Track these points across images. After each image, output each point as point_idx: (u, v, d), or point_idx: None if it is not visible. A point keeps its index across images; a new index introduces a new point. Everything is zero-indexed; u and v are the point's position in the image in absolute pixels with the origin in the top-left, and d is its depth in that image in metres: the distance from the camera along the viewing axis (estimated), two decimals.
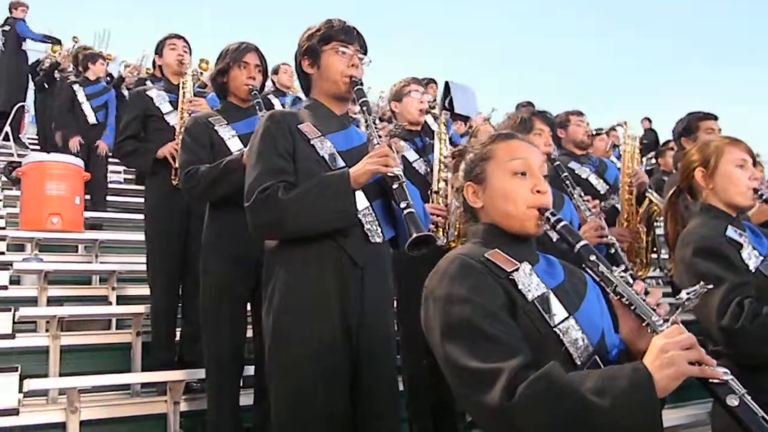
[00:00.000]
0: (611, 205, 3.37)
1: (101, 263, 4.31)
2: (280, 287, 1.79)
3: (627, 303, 1.14)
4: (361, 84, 1.93)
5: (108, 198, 5.80)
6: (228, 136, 2.55)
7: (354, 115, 3.33)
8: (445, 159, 2.76)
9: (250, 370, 2.56)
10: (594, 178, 3.43)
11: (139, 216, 4.53)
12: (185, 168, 2.46)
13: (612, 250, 2.46)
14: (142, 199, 3.57)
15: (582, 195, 2.66)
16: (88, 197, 5.07)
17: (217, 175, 2.35)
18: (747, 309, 1.68)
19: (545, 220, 1.27)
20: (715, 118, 3.29)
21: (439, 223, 2.64)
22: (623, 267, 1.17)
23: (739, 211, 1.96)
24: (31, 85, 7.93)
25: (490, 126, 4.99)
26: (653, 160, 6.72)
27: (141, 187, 5.55)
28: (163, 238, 3.13)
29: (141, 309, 3.19)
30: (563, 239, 1.25)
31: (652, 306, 1.12)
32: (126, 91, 7.05)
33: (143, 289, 3.49)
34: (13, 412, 2.46)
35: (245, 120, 2.60)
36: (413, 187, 1.86)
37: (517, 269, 1.24)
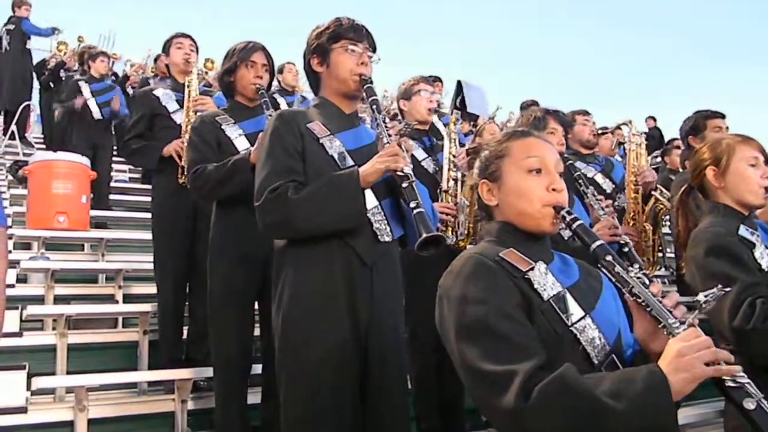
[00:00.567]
0: (621, 206, 3.35)
1: (107, 262, 4.33)
2: (289, 286, 1.79)
3: (643, 304, 1.13)
4: (371, 82, 1.92)
5: (113, 197, 5.80)
6: (235, 135, 2.55)
7: (360, 114, 3.31)
8: (455, 158, 2.76)
9: (257, 368, 2.55)
10: (600, 177, 3.41)
11: (145, 215, 4.55)
12: (192, 167, 2.46)
13: (626, 248, 2.46)
14: (147, 198, 3.58)
15: (596, 194, 2.64)
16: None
17: (224, 175, 2.35)
18: (759, 309, 1.66)
19: (561, 218, 1.26)
20: (723, 116, 3.26)
21: (449, 222, 2.63)
22: (638, 266, 1.15)
23: (751, 210, 1.94)
24: (37, 85, 7.93)
25: (494, 125, 4.98)
26: (659, 158, 6.69)
27: (146, 186, 5.57)
28: (170, 236, 3.14)
29: (147, 307, 3.19)
30: (579, 239, 1.24)
31: (668, 308, 1.10)
32: (131, 90, 7.07)
33: (149, 288, 3.50)
34: (21, 410, 2.47)
35: (252, 119, 2.60)
36: (422, 186, 1.84)
37: (533, 268, 1.22)
